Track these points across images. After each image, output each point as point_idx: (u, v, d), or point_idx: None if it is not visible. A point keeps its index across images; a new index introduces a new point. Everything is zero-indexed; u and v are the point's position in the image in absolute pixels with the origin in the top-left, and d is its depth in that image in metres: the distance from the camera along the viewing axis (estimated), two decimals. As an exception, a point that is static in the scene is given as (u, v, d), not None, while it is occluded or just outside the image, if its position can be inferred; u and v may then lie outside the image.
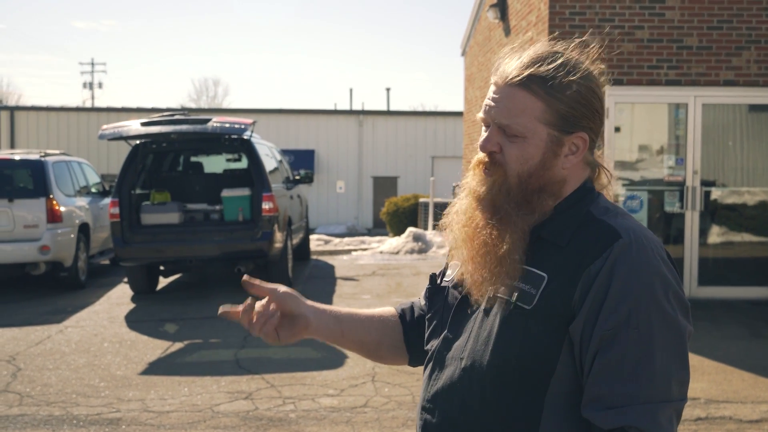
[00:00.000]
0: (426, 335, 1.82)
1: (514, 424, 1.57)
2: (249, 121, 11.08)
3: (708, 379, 6.80)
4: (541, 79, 1.60)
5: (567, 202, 1.65)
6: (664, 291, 1.53)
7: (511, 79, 1.62)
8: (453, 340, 1.69)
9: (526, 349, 1.55)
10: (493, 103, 1.65)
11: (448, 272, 1.83)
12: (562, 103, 1.60)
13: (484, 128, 1.69)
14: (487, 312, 1.64)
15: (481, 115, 1.68)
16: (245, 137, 11.22)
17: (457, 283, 1.75)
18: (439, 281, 1.87)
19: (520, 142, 1.62)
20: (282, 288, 1.80)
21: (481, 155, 1.67)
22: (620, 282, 1.51)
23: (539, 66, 1.61)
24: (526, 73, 1.61)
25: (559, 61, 1.62)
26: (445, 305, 1.78)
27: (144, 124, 10.82)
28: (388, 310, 1.97)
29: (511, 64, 1.65)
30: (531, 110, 1.61)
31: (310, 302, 1.86)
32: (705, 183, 10.09)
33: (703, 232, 10.22)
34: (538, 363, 1.55)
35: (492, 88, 1.67)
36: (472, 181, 1.69)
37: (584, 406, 1.53)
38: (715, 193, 10.33)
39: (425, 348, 1.80)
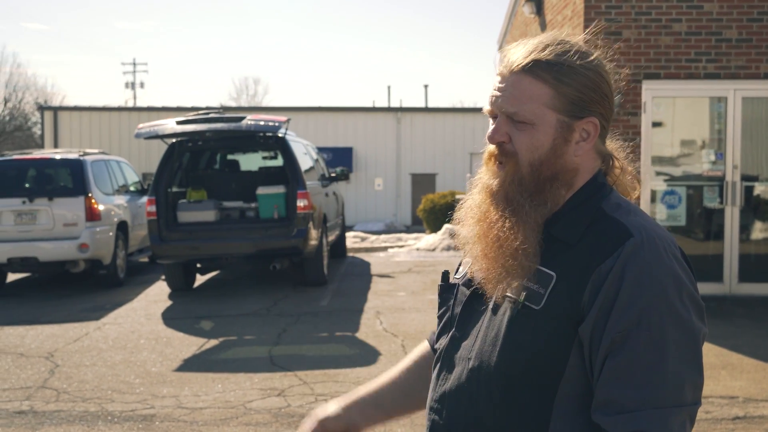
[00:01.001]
0: (436, 333, 1.78)
1: (522, 427, 1.53)
2: (283, 118, 11.12)
3: (747, 378, 6.67)
4: (547, 63, 1.56)
5: (578, 197, 1.60)
6: (677, 291, 1.48)
7: (516, 65, 1.58)
8: (461, 339, 1.65)
9: (534, 351, 1.51)
10: (499, 93, 1.60)
11: (460, 269, 1.79)
12: (570, 88, 1.55)
13: (491, 121, 1.65)
14: (495, 311, 1.59)
15: (487, 107, 1.64)
16: (279, 135, 11.26)
17: (467, 280, 1.71)
18: (450, 278, 1.83)
19: (529, 129, 1.57)
20: (319, 415, 1.86)
21: (491, 147, 1.63)
22: (631, 282, 1.46)
23: (544, 51, 1.57)
24: (530, 58, 1.57)
25: (565, 47, 1.58)
26: (454, 303, 1.73)
27: (179, 123, 10.91)
28: (422, 347, 1.94)
29: (516, 52, 1.61)
30: (538, 96, 1.56)
31: (347, 403, 1.89)
32: (745, 178, 9.89)
33: (744, 228, 10.02)
34: (547, 365, 1.50)
35: (497, 79, 1.62)
36: (484, 176, 1.65)
37: (594, 410, 1.48)
38: (757, 188, 10.12)
39: (434, 347, 1.77)
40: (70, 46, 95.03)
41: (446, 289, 1.80)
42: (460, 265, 1.83)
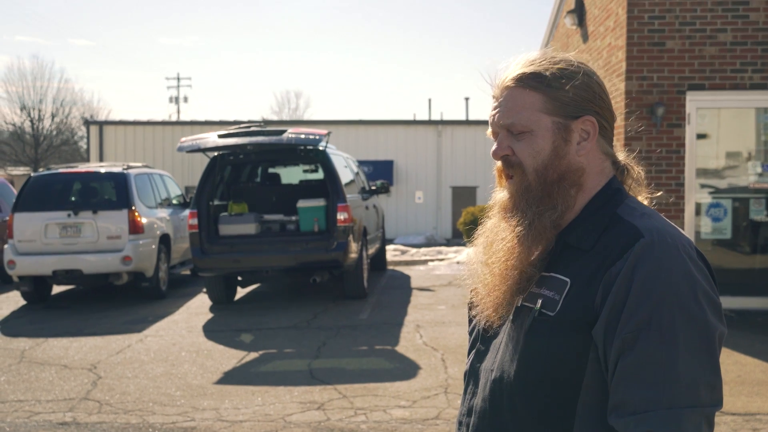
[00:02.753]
0: (468, 349, 1.82)
1: None
2: (323, 131, 11.15)
3: (796, 395, 6.50)
4: (535, 74, 1.62)
5: (593, 204, 1.62)
6: (690, 290, 1.46)
7: (506, 81, 1.65)
8: (485, 353, 1.69)
9: (552, 358, 1.52)
10: (495, 111, 1.67)
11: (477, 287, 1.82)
12: (559, 91, 1.61)
13: (495, 141, 1.71)
14: (514, 322, 1.61)
15: (489, 130, 1.70)
16: (320, 148, 11.29)
17: None
18: None
19: (528, 137, 1.62)
20: None
21: (498, 164, 1.69)
22: (642, 282, 1.46)
23: (531, 65, 1.64)
24: (518, 72, 1.64)
25: (550, 58, 1.65)
26: (481, 317, 1.76)
27: (221, 137, 11.00)
28: None
29: (504, 71, 1.68)
30: (531, 103, 1.61)
31: None
32: (793, 190, 9.69)
33: (792, 242, 9.81)
34: (566, 372, 1.51)
35: (492, 100, 1.69)
36: (498, 195, 1.71)
37: (609, 413, 1.47)
38: (804, 201, 9.91)
39: (466, 362, 1.80)
40: (115, 62, 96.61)
41: (475, 305, 1.83)
42: None
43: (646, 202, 1.69)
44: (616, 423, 1.45)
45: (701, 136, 9.73)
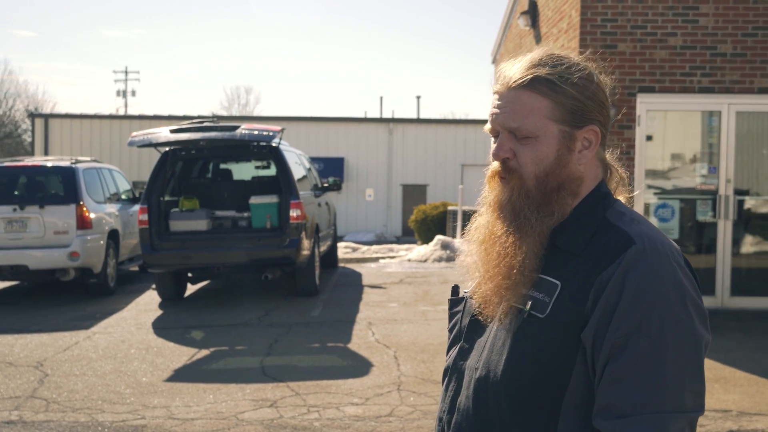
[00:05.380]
0: (447, 346, 1.81)
1: None
2: (277, 128, 11.08)
3: (740, 391, 6.66)
4: (545, 78, 1.60)
5: (582, 207, 1.62)
6: (679, 298, 1.49)
7: (515, 82, 1.62)
8: (469, 350, 1.69)
9: (539, 359, 1.53)
10: (499, 111, 1.64)
11: (469, 282, 1.81)
12: (568, 98, 1.60)
13: (493, 139, 1.69)
14: (502, 321, 1.62)
15: (488, 126, 1.68)
16: (273, 144, 11.22)
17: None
18: (460, 292, 1.86)
19: (532, 142, 1.61)
20: None
21: (495, 165, 1.66)
22: (632, 289, 1.48)
23: (540, 67, 1.62)
24: (528, 74, 1.61)
25: (558, 61, 1.63)
26: (463, 314, 1.77)
27: (173, 132, 10.86)
28: None
29: (512, 69, 1.65)
30: (539, 109, 1.59)
31: None
32: (737, 192, 9.91)
33: (736, 242, 10.03)
34: (553, 373, 1.52)
35: (495, 96, 1.66)
36: (490, 195, 1.68)
37: (595, 415, 1.49)
38: (749, 202, 10.15)
39: (446, 358, 1.79)
40: (61, 54, 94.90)
41: (455, 302, 1.84)
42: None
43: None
44: (601, 425, 1.47)
45: (650, 138, 9.90)
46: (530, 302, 1.57)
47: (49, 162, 12.26)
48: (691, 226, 10.05)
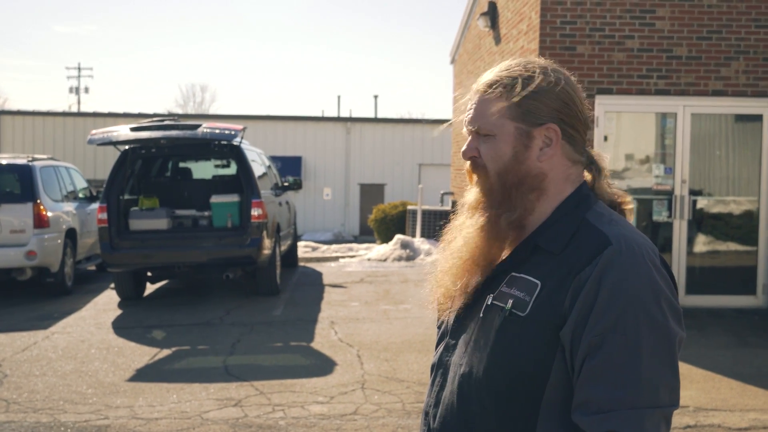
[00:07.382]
0: (436, 342, 1.87)
1: (510, 430, 1.61)
2: (239, 127, 11.05)
3: (696, 387, 6.82)
4: (502, 82, 1.70)
5: (563, 208, 1.69)
6: (654, 297, 1.55)
7: (480, 86, 1.74)
8: (454, 347, 1.74)
9: (520, 357, 1.59)
10: (467, 113, 1.75)
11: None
12: (525, 98, 1.67)
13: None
14: (484, 319, 1.68)
15: (464, 129, 1.78)
16: (235, 143, 11.19)
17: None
18: None
19: (491, 140, 1.70)
20: None
21: (467, 165, 1.76)
22: (609, 288, 1.54)
23: (504, 71, 1.72)
24: (490, 78, 1.72)
25: (524, 65, 1.72)
26: (449, 312, 1.82)
27: (133, 130, 10.77)
28: None
29: (482, 77, 1.76)
30: (497, 109, 1.69)
31: None
32: (692, 192, 10.13)
33: (690, 241, 10.26)
34: (533, 370, 1.58)
35: (468, 103, 1.76)
36: (468, 196, 1.77)
37: (573, 410, 1.55)
38: (702, 203, 10.37)
39: (434, 354, 1.85)
40: (10, 50, 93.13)
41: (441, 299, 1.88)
42: None
43: (629, 206, 1.79)
44: (579, 420, 1.53)
45: (606, 139, 10.06)
46: (511, 301, 1.62)
47: (5, 159, 12.06)
48: (646, 226, 10.23)
